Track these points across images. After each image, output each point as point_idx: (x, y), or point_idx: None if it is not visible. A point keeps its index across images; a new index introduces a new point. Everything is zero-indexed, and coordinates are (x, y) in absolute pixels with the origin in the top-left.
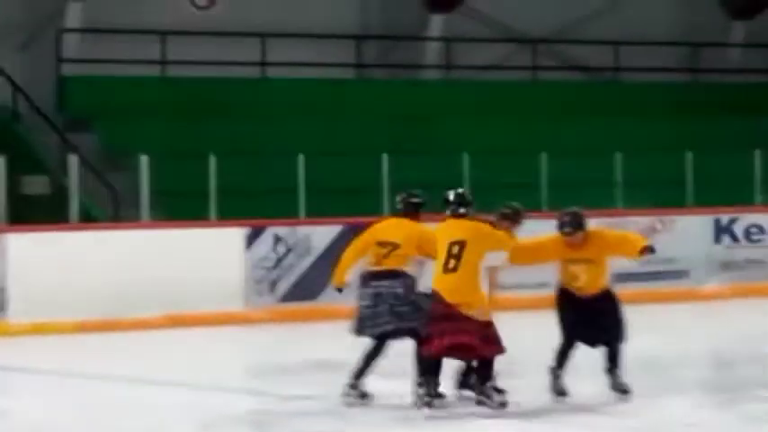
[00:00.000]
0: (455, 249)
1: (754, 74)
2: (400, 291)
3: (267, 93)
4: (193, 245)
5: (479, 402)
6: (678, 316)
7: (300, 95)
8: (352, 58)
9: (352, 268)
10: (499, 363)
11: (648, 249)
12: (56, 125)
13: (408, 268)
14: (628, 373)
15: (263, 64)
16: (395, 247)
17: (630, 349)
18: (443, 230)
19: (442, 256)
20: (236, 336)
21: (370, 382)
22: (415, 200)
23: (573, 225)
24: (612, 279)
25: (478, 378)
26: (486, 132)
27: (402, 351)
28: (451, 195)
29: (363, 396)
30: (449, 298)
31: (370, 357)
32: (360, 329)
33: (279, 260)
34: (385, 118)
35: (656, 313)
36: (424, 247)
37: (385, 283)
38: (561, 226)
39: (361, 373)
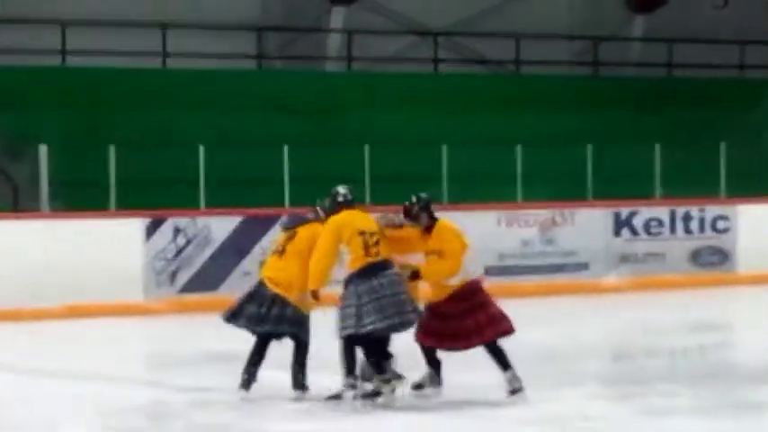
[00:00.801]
0: None
1: (654, 68)
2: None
3: (168, 83)
4: (93, 235)
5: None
6: (577, 308)
7: (201, 86)
8: (254, 50)
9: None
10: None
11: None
12: None
13: None
14: (528, 364)
15: (163, 54)
16: (380, 236)
17: (530, 341)
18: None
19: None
20: (135, 327)
21: (267, 373)
22: (351, 196)
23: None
24: (514, 270)
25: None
26: (387, 124)
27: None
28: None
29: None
30: None
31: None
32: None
33: (179, 251)
34: (286, 109)
35: (556, 305)
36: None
37: (390, 272)
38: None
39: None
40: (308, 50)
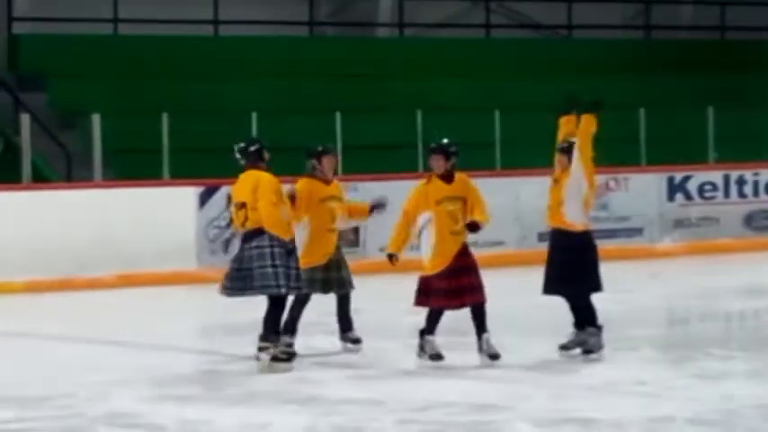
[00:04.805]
0: None
1: (706, 31)
2: None
3: (219, 51)
4: (146, 204)
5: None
6: (632, 274)
7: (253, 54)
8: (306, 16)
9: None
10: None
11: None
12: (8, 84)
13: None
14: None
15: (215, 22)
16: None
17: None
18: None
19: None
20: (188, 295)
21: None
22: None
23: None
24: None
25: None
26: (439, 90)
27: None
28: None
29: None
30: None
31: None
32: None
33: (232, 219)
34: (338, 76)
35: (610, 271)
36: None
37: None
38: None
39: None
40: (360, 17)
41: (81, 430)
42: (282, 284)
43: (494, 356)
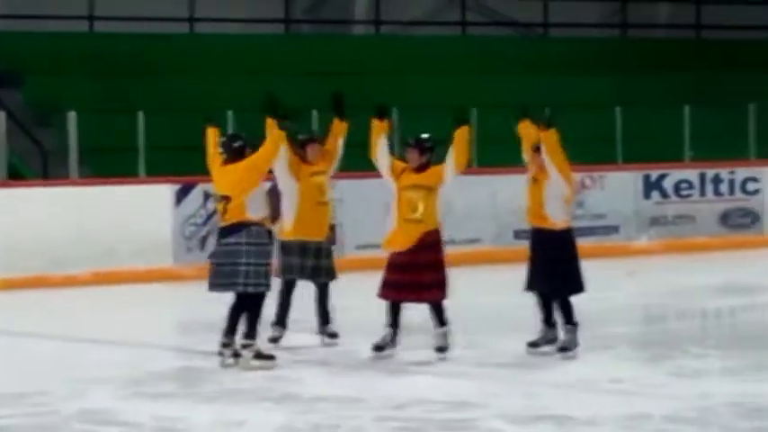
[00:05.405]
0: None
1: (682, 29)
2: None
3: (195, 49)
4: (122, 201)
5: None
6: (608, 272)
7: (229, 51)
8: (281, 13)
9: None
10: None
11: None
12: None
13: None
14: (559, 327)
15: (191, 20)
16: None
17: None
18: None
19: None
20: (164, 293)
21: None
22: None
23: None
24: None
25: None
26: (415, 88)
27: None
28: None
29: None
30: None
31: None
32: None
33: (209, 217)
34: (314, 74)
35: (586, 269)
36: None
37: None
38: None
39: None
40: (336, 14)
41: (56, 428)
42: (251, 283)
43: (440, 349)
